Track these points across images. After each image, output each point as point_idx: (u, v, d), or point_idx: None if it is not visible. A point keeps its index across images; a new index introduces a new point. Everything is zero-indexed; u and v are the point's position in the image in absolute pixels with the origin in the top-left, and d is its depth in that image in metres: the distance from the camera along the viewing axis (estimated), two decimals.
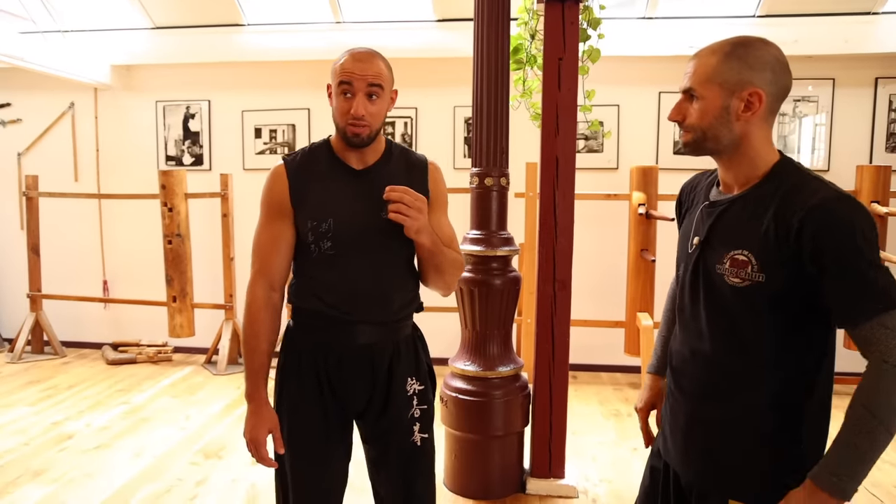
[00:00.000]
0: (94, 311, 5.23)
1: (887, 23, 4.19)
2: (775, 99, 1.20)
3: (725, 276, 1.21)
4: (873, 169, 3.99)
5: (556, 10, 2.64)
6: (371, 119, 1.47)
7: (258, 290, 1.54)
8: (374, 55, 1.50)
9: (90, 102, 5.06)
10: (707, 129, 1.22)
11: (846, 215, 1.10)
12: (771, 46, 1.20)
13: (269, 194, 1.55)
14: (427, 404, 1.65)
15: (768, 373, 1.20)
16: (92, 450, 3.26)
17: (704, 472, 1.28)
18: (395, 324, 1.60)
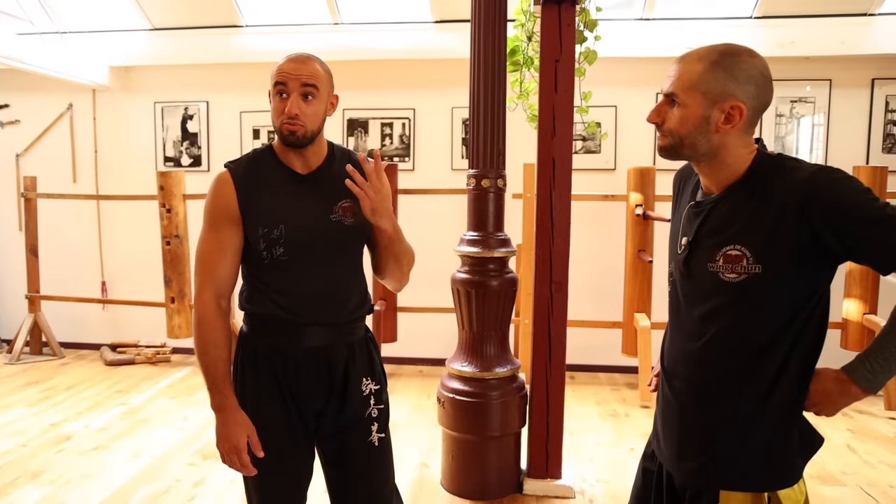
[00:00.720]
0: (93, 312, 5.23)
1: (883, 24, 4.20)
2: (755, 113, 1.22)
3: (720, 273, 1.21)
4: (870, 170, 3.99)
5: (553, 11, 2.65)
6: (306, 119, 1.48)
7: (207, 298, 1.52)
8: (311, 58, 1.52)
9: (88, 104, 5.07)
10: (685, 137, 1.23)
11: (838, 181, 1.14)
12: (757, 59, 1.20)
13: (215, 202, 1.54)
14: (383, 404, 1.67)
15: (762, 366, 1.22)
16: (90, 451, 3.27)
17: (698, 470, 1.29)
18: (348, 325, 1.61)
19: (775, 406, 1.22)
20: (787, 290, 1.18)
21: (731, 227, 1.21)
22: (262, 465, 1.58)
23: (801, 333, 1.21)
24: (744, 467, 1.25)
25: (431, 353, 4.77)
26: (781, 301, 1.19)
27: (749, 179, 1.22)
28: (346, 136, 4.84)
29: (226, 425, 1.52)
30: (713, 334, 1.25)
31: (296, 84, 1.47)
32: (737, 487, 1.25)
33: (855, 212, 1.11)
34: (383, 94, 4.77)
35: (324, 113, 1.54)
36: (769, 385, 1.22)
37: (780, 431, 1.23)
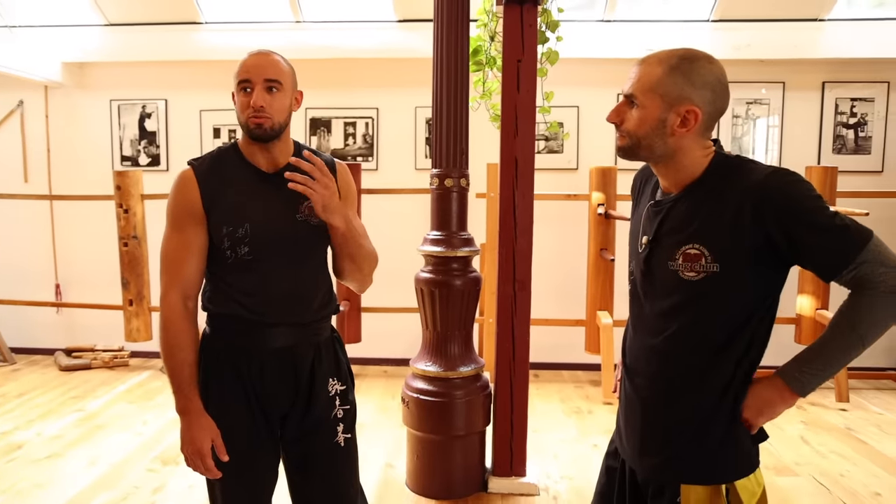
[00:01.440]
0: (46, 315, 5.07)
1: (832, 29, 4.35)
2: (711, 118, 1.24)
3: (680, 272, 1.24)
4: (821, 170, 4.13)
5: (515, 12, 2.66)
6: (272, 111, 1.47)
7: (173, 300, 1.50)
8: (273, 53, 1.52)
9: (40, 101, 4.91)
10: (642, 138, 1.25)
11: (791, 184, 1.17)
12: (715, 66, 1.23)
13: (178, 201, 1.52)
14: (349, 404, 1.66)
15: (720, 364, 1.25)
16: (43, 459, 3.16)
17: (660, 466, 1.31)
18: (314, 325, 1.60)
19: (732, 402, 1.26)
20: (744, 289, 1.21)
21: (690, 226, 1.24)
22: (226, 469, 1.55)
23: (756, 333, 1.25)
24: (703, 462, 1.27)
25: (396, 353, 4.76)
26: (738, 300, 1.22)
27: (706, 180, 1.25)
28: (309, 135, 4.79)
29: (190, 429, 1.49)
30: (674, 331, 1.27)
31: (259, 79, 1.46)
32: (696, 481, 1.27)
33: (805, 217, 1.14)
34: (346, 93, 4.73)
35: (289, 107, 1.53)
36: (726, 382, 1.25)
37: (738, 426, 1.26)
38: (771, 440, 3.41)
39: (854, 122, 4.60)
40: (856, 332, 1.17)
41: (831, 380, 4.19)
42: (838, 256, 1.15)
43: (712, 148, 1.28)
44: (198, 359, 1.53)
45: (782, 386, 1.23)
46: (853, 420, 3.79)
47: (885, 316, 1.16)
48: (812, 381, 1.21)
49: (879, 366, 4.64)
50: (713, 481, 1.26)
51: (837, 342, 1.19)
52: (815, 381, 1.21)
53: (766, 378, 1.26)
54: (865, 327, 1.17)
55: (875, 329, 1.17)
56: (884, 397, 4.21)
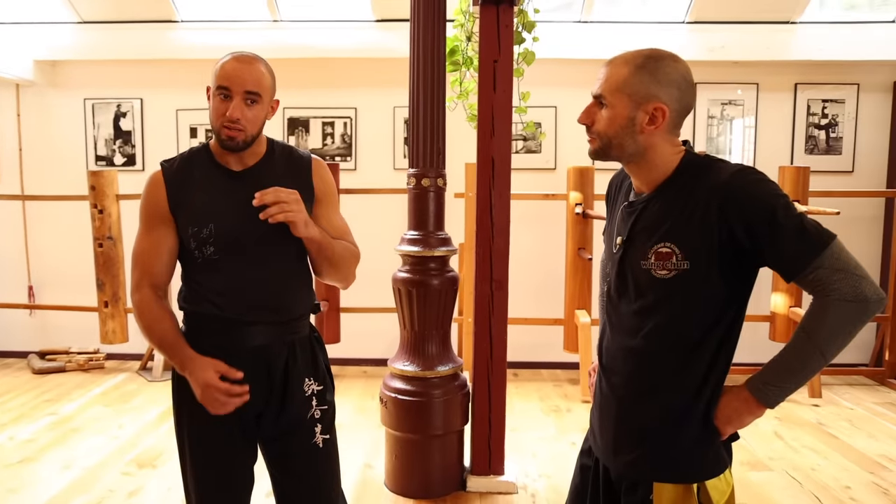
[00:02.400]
0: (19, 318, 4.99)
1: (804, 32, 4.43)
2: (678, 115, 1.26)
3: (652, 270, 1.26)
4: (794, 170, 4.20)
5: (491, 12, 2.68)
6: (247, 124, 1.47)
7: (144, 291, 1.52)
8: (257, 60, 1.50)
9: (11, 99, 4.82)
10: (612, 138, 1.27)
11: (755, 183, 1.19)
12: (680, 64, 1.25)
13: (147, 202, 1.54)
14: (327, 405, 1.65)
15: (694, 361, 1.26)
16: (15, 464, 3.11)
17: (633, 463, 1.33)
18: (289, 324, 1.59)
19: (704, 401, 1.27)
20: (714, 288, 1.23)
21: (662, 225, 1.25)
22: (201, 470, 1.55)
23: (729, 333, 1.27)
24: (675, 460, 1.29)
25: (375, 353, 4.75)
26: (709, 298, 1.24)
27: (677, 179, 1.27)
28: (287, 135, 4.77)
29: (193, 374, 1.47)
30: (649, 330, 1.29)
31: (239, 89, 1.45)
32: (669, 479, 1.29)
33: (766, 216, 1.16)
34: (324, 93, 4.71)
35: (264, 118, 1.52)
36: (700, 381, 1.27)
37: (709, 426, 1.28)
38: (745, 436, 3.47)
39: (825, 122, 4.68)
40: (812, 341, 1.17)
41: None
42: (797, 258, 1.16)
43: (682, 147, 1.31)
44: (177, 327, 1.53)
45: (749, 397, 1.24)
46: (825, 415, 3.86)
47: (841, 325, 1.15)
48: (777, 392, 1.22)
49: (851, 362, 4.73)
50: (685, 480, 1.28)
51: (797, 353, 1.19)
52: (779, 393, 1.22)
53: (735, 388, 1.28)
54: (822, 337, 1.16)
55: (833, 339, 1.16)
56: (855, 393, 4.29)
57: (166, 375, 4.51)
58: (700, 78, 4.64)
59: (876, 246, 4.75)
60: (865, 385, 4.47)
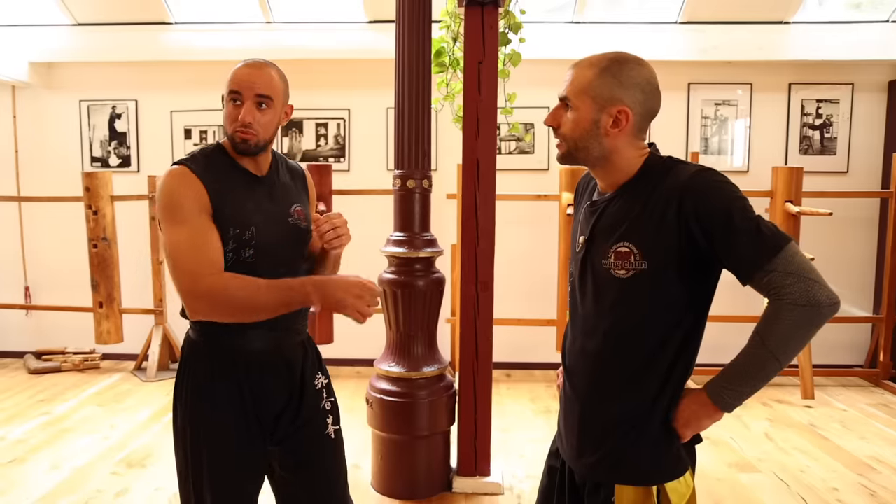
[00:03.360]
0: (15, 318, 5.01)
1: (798, 32, 4.41)
2: (642, 118, 1.27)
3: (612, 270, 1.26)
4: (787, 170, 4.19)
5: (476, 13, 2.68)
6: (259, 128, 1.47)
7: (213, 276, 1.40)
8: (269, 65, 1.51)
9: (7, 101, 4.85)
10: (578, 141, 1.28)
11: (714, 184, 1.19)
12: (644, 68, 1.26)
13: (181, 196, 1.42)
14: (334, 396, 1.72)
15: (653, 364, 1.26)
16: (6, 464, 3.13)
17: (595, 465, 1.33)
18: (296, 324, 1.62)
19: (664, 404, 1.27)
20: (671, 289, 1.23)
21: (622, 225, 1.26)
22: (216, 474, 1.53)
23: (689, 336, 1.26)
24: (635, 462, 1.29)
25: (368, 353, 4.73)
26: (666, 299, 1.23)
27: (639, 179, 1.28)
28: (281, 136, 4.78)
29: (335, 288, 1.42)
30: (607, 331, 1.29)
31: (250, 93, 1.46)
32: (629, 481, 1.29)
33: (722, 216, 1.15)
34: (317, 94, 4.72)
35: (277, 122, 1.53)
36: (660, 384, 1.27)
37: (669, 428, 1.28)
38: (735, 437, 3.48)
39: (820, 123, 4.67)
40: (766, 346, 1.16)
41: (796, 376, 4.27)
42: (750, 261, 1.15)
43: (647, 150, 1.31)
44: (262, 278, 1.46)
45: (706, 401, 1.24)
46: (818, 417, 3.85)
47: (793, 329, 1.13)
48: (733, 396, 1.21)
49: (845, 363, 4.72)
50: (645, 482, 1.28)
51: (752, 357, 1.18)
52: (736, 397, 1.21)
53: (694, 391, 1.28)
54: (775, 342, 1.15)
55: (786, 344, 1.15)
56: (849, 394, 4.28)
57: (160, 376, 4.53)
58: (693, 78, 4.64)
59: (870, 247, 4.73)
60: (860, 386, 4.45)
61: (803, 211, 4.08)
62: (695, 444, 1.33)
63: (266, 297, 1.41)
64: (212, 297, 1.40)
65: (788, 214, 4.15)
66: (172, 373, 4.60)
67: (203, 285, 1.39)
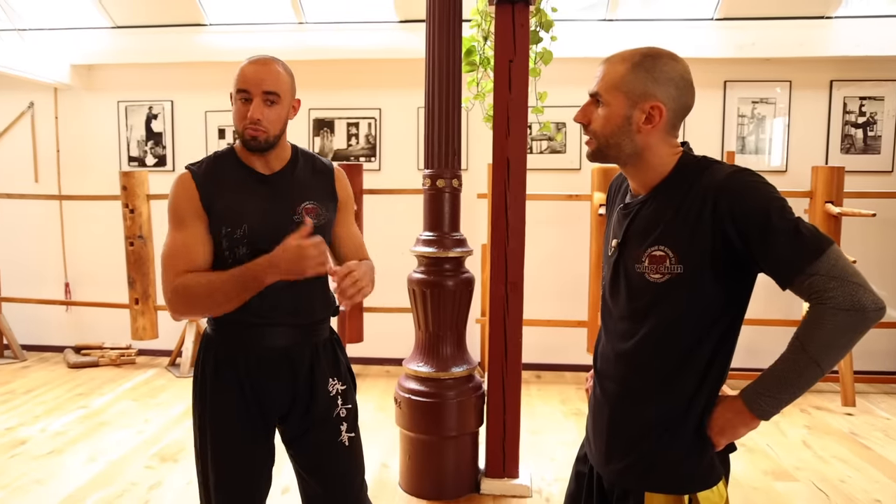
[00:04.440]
0: (56, 313, 5.16)
1: (840, 27, 4.27)
2: (676, 115, 1.23)
3: (646, 274, 1.22)
4: (827, 170, 4.06)
5: (507, 12, 2.65)
6: (268, 124, 1.49)
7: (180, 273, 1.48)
8: (273, 62, 1.52)
9: (50, 102, 4.99)
10: (609, 137, 1.25)
11: (750, 184, 1.14)
12: (679, 63, 1.22)
13: (178, 201, 1.52)
14: (351, 403, 1.68)
15: (687, 369, 1.23)
16: (44, 455, 3.22)
17: (625, 471, 1.30)
18: (312, 326, 1.62)
19: (698, 410, 1.24)
20: (708, 291, 1.19)
21: (657, 228, 1.22)
22: (221, 470, 1.57)
23: (725, 339, 1.23)
24: (667, 469, 1.26)
25: (398, 353, 4.75)
26: (702, 303, 1.20)
27: (673, 180, 1.24)
28: (313, 136, 4.82)
29: (277, 259, 1.41)
30: (642, 335, 1.25)
31: (258, 90, 1.48)
32: (660, 489, 1.26)
33: (760, 218, 1.11)
34: (349, 93, 4.75)
35: (286, 117, 1.54)
36: (693, 389, 1.23)
37: (702, 435, 1.24)
38: (771, 444, 3.39)
39: (863, 121, 4.52)
40: (806, 352, 1.11)
41: (836, 382, 4.14)
42: (790, 263, 1.11)
43: (680, 149, 1.27)
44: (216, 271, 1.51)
45: (742, 408, 1.19)
46: (858, 425, 3.72)
47: (837, 335, 1.09)
48: (771, 404, 1.16)
49: (888, 369, 4.56)
50: (677, 490, 1.25)
51: (791, 363, 1.14)
52: (774, 405, 1.16)
53: (729, 398, 1.23)
54: (816, 347, 1.10)
55: (828, 350, 1.10)
56: (891, 402, 4.13)
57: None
58: (729, 76, 4.53)
59: None
60: None
61: (844, 212, 3.95)
62: (729, 453, 1.29)
63: (224, 286, 1.45)
64: (177, 294, 1.46)
65: (829, 215, 4.02)
66: None
67: (172, 285, 1.47)
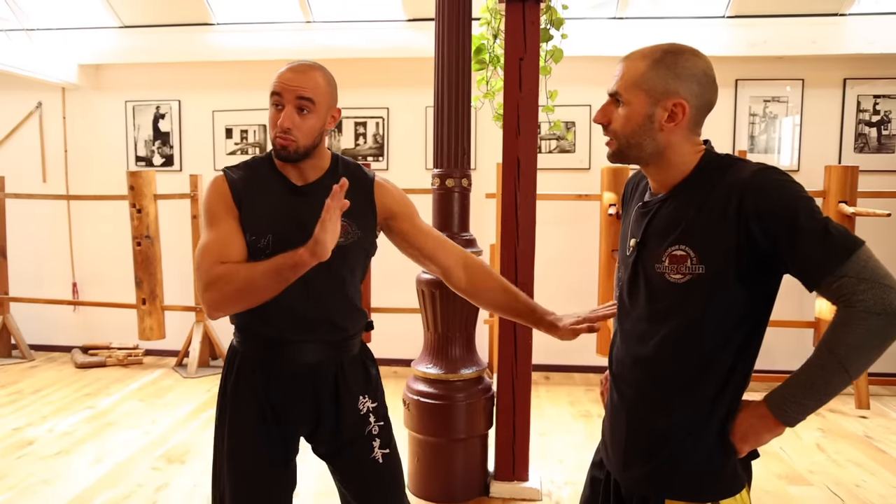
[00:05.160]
0: (64, 313, 5.15)
1: (854, 24, 4.22)
2: (699, 112, 1.20)
3: (666, 274, 1.19)
4: (841, 169, 4.01)
5: (517, 9, 2.62)
6: (299, 134, 1.42)
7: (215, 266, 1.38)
8: (313, 68, 1.45)
9: (58, 102, 4.99)
10: (630, 137, 1.21)
11: (777, 182, 1.11)
12: (700, 59, 1.19)
13: (214, 202, 1.47)
14: (383, 420, 1.62)
15: (708, 373, 1.19)
16: (52, 456, 3.20)
17: (644, 478, 1.27)
18: (340, 343, 1.54)
19: (721, 414, 1.20)
20: (731, 294, 1.15)
21: (677, 227, 1.18)
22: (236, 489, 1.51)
23: (748, 342, 1.19)
24: (688, 476, 1.22)
25: (406, 353, 4.72)
26: (724, 303, 1.16)
27: (695, 178, 1.20)
28: None
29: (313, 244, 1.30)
30: (661, 338, 1.22)
31: (291, 96, 1.41)
32: (680, 497, 1.22)
33: (788, 217, 1.07)
34: (356, 93, 4.72)
35: (321, 128, 1.46)
36: (715, 392, 1.19)
37: (725, 441, 1.21)
38: (784, 447, 3.34)
39: (877, 119, 4.46)
40: (834, 356, 1.07)
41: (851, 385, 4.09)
42: (818, 265, 1.07)
43: (703, 146, 1.23)
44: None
45: (767, 414, 1.16)
46: (873, 428, 3.67)
47: (866, 339, 1.05)
48: (796, 409, 1.12)
49: None
50: (698, 499, 1.21)
51: (818, 368, 1.10)
52: (799, 411, 1.12)
53: (753, 403, 1.19)
54: (844, 351, 1.06)
55: (857, 355, 1.06)
56: None
57: (201, 372, 4.59)
58: (741, 74, 4.48)
59: None
60: None
61: (858, 212, 3.90)
62: (751, 460, 1.26)
63: (262, 274, 1.35)
64: (214, 286, 1.36)
65: (842, 215, 3.97)
66: (212, 369, 4.67)
67: (207, 276, 1.37)
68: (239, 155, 4.86)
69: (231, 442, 1.52)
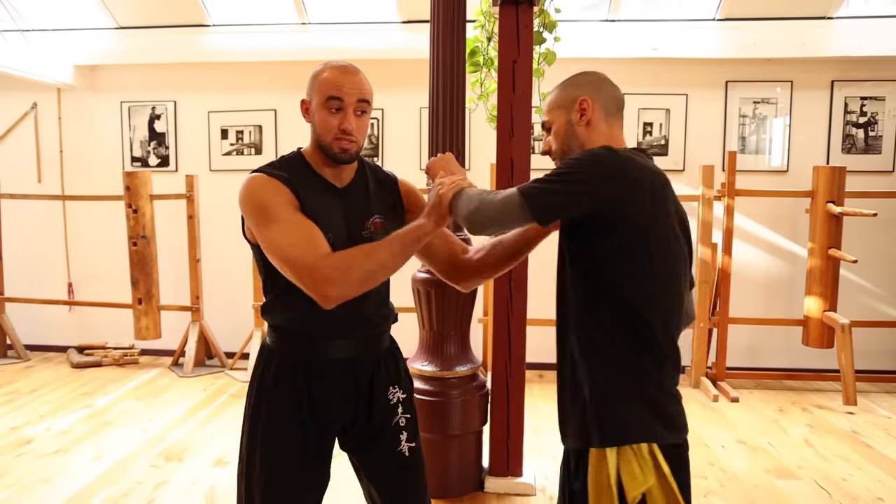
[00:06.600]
0: (60, 313, 5.17)
1: (842, 27, 4.29)
2: (605, 104, 1.43)
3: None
4: (829, 170, 4.08)
5: (511, 12, 2.67)
6: (359, 136, 1.45)
7: (320, 254, 1.35)
8: (358, 70, 1.48)
9: (53, 103, 5.00)
10: (563, 146, 1.44)
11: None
12: (592, 74, 1.46)
13: (273, 198, 1.40)
14: (411, 413, 1.63)
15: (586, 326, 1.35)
16: (50, 454, 3.23)
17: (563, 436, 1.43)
18: (375, 338, 1.57)
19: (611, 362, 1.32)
20: (572, 243, 1.36)
21: None
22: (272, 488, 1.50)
23: (618, 295, 1.30)
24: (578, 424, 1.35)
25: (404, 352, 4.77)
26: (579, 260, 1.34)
27: None
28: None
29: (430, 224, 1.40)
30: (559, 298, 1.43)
31: (352, 99, 1.42)
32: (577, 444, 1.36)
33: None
34: None
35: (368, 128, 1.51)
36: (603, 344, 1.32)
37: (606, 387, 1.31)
38: (773, 442, 3.40)
39: (864, 121, 4.53)
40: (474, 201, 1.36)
41: (838, 381, 4.15)
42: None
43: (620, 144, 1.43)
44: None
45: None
46: (860, 423, 3.74)
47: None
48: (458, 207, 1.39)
49: (889, 368, 4.57)
50: (590, 444, 1.31)
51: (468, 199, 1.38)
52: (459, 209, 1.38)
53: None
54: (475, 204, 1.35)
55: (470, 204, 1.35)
56: (893, 400, 4.14)
57: (197, 371, 4.62)
58: (731, 76, 4.55)
59: None
60: None
61: (846, 212, 3.97)
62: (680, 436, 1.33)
63: (390, 255, 1.37)
64: (336, 275, 1.33)
65: (830, 215, 4.04)
66: (208, 369, 4.70)
67: (323, 269, 1.33)
68: (234, 156, 4.89)
69: (268, 438, 1.50)
